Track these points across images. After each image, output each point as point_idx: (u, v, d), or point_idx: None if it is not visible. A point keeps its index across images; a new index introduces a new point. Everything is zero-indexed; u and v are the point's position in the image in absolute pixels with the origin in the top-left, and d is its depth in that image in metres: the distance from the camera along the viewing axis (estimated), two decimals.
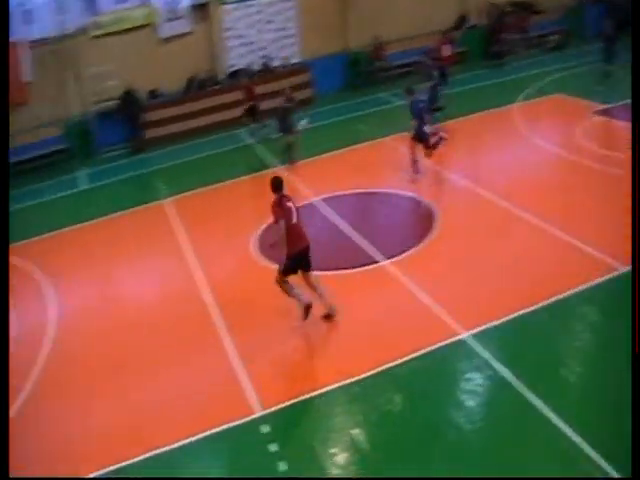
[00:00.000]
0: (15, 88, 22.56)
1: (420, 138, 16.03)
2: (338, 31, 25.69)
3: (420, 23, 26.18)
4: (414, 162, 16.21)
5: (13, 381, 9.61)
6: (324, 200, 15.62)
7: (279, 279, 10.73)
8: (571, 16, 28.79)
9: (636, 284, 7.55)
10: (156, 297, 12.90)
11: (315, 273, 11.02)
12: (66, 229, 16.82)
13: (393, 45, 25.79)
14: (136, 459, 8.66)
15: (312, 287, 10.91)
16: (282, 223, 10.47)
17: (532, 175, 15.87)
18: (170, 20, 23.81)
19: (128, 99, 22.29)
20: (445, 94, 19.47)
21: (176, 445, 8.77)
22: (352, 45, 25.75)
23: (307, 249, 10.73)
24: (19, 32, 22.75)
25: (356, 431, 8.60)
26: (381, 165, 17.86)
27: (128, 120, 22.34)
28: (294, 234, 10.56)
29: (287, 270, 10.66)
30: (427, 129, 16.12)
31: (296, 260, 10.63)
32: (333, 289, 11.47)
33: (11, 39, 22.60)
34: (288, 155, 18.46)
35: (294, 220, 10.56)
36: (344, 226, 14.25)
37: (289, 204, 10.57)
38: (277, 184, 10.73)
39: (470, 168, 17.00)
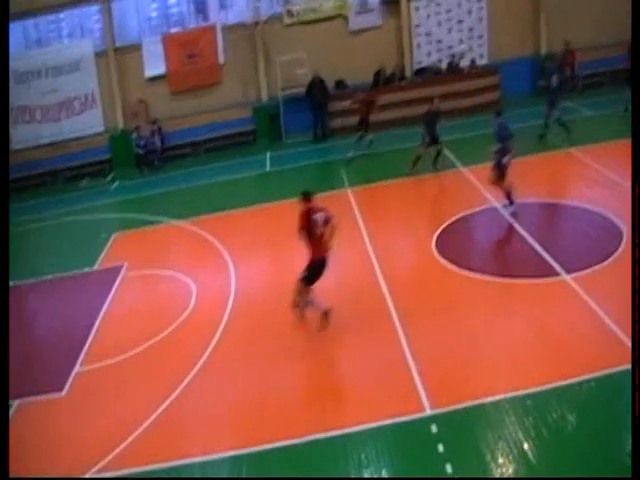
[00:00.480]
0: (209, 69, 23.75)
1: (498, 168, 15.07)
2: (529, 33, 25.03)
3: (618, 30, 24.94)
4: (507, 194, 15.08)
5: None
6: (506, 206, 15.23)
7: (301, 288, 11.10)
8: None
9: None
10: (334, 283, 13.11)
11: (489, 279, 10.85)
12: (247, 208, 17.50)
13: (586, 52, 24.70)
14: (308, 437, 8.90)
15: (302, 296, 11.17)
16: (304, 233, 10.91)
17: None
18: (360, 13, 24.11)
19: (316, 87, 22.74)
20: None
21: (346, 431, 8.89)
22: (543, 49, 24.98)
23: (325, 259, 11.05)
24: (215, 16, 23.85)
25: (526, 445, 8.37)
26: (565, 176, 17.34)
27: (314, 108, 22.80)
28: (317, 244, 10.96)
29: (312, 278, 11.00)
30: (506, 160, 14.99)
31: (319, 268, 10.98)
32: (510, 297, 11.21)
33: (207, 23, 23.81)
34: (437, 162, 18.31)
35: (317, 231, 10.87)
36: (524, 234, 13.87)
37: (316, 216, 10.88)
38: (306, 196, 11.10)
39: None
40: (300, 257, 11.18)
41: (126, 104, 23.97)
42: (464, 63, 24.06)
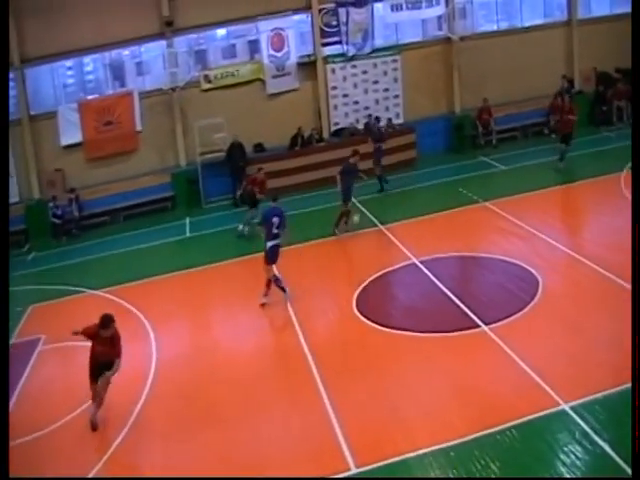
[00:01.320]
0: (126, 136, 23.76)
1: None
2: (443, 93, 26.07)
3: (524, 86, 26.24)
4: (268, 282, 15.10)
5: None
6: (424, 262, 15.65)
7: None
8: None
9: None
10: (255, 349, 13.13)
11: (410, 335, 11.03)
12: (167, 275, 17.42)
13: (498, 109, 25.89)
14: None
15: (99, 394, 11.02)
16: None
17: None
18: (277, 76, 24.64)
19: (235, 151, 22.98)
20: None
21: None
22: (457, 107, 25.99)
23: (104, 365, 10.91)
24: (132, 82, 23.99)
25: None
26: (482, 229, 17.87)
27: (234, 172, 22.99)
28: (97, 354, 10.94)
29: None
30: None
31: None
32: (431, 352, 11.47)
33: (124, 89, 23.95)
34: (340, 221, 18.44)
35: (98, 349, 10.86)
36: (444, 289, 14.22)
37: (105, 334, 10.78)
38: (105, 322, 10.80)
39: (575, 236, 16.87)
40: (221, 323, 11.16)
41: (42, 173, 23.67)
42: (382, 123, 24.76)
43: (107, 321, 10.75)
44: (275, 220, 14.47)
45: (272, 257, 14.68)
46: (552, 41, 27.41)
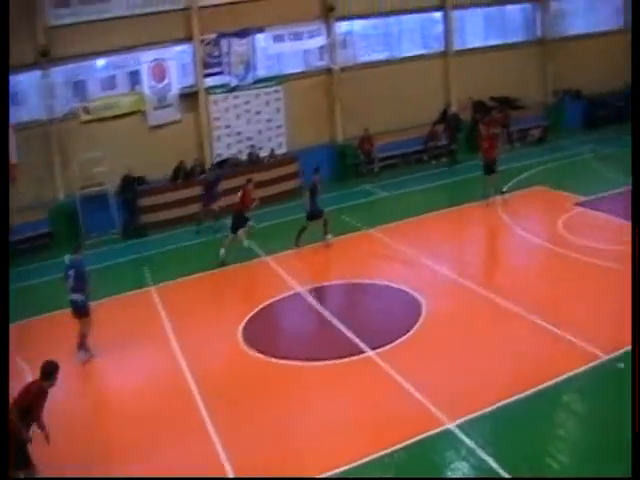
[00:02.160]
0: None
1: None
2: (326, 122, 26.63)
3: (405, 115, 27.20)
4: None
5: None
6: (309, 291, 15.95)
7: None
8: (551, 112, 30.20)
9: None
10: (139, 388, 12.96)
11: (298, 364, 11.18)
12: (47, 314, 16.93)
13: (380, 137, 26.71)
14: None
15: None
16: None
17: (515, 266, 16.41)
18: (159, 108, 24.50)
19: (127, 184, 22.71)
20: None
21: None
22: (339, 136, 26.61)
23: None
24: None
25: None
26: (366, 256, 18.30)
27: (125, 205, 22.68)
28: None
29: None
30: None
31: None
32: (319, 380, 11.73)
33: None
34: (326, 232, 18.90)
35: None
36: (329, 317, 14.50)
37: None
38: (48, 371, 9.64)
39: (454, 258, 17.49)
40: (107, 362, 10.90)
41: None
42: (264, 153, 25.04)
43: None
44: (70, 273, 13.69)
45: (75, 311, 14.04)
46: (430, 71, 28.59)
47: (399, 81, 27.37)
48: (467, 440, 9.94)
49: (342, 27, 26.81)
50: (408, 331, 13.43)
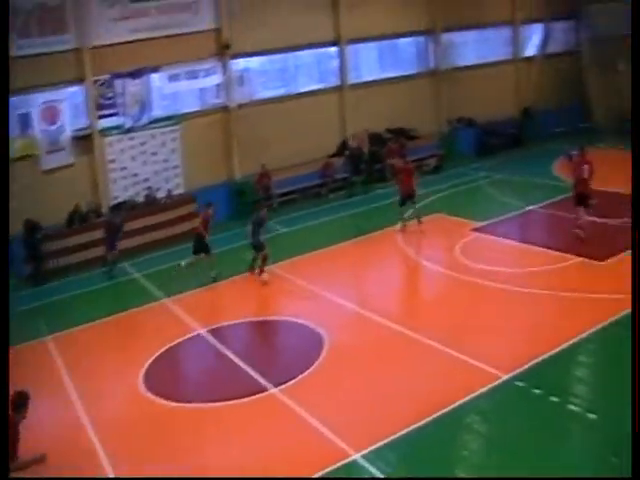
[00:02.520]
0: None
1: None
2: (223, 160, 26.63)
3: (303, 150, 27.52)
4: None
5: None
6: (211, 331, 15.82)
7: None
8: (445, 141, 31.15)
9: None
10: (37, 440, 12.53)
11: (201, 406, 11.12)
12: None
13: (278, 172, 26.85)
14: None
15: None
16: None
17: (415, 294, 16.76)
18: (51, 152, 23.97)
19: (28, 229, 22.06)
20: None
21: None
22: (237, 174, 26.65)
23: None
24: None
25: None
26: (267, 293, 18.29)
27: (27, 251, 21.99)
28: None
29: None
30: None
31: None
32: (221, 421, 11.68)
33: None
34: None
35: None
36: (232, 356, 14.41)
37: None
38: (19, 402, 9.36)
39: (356, 290, 17.73)
40: None
41: None
42: (161, 194, 24.80)
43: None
44: None
45: None
46: (327, 105, 29.10)
47: (296, 116, 27.75)
48: (373, 469, 10.09)
49: (238, 64, 26.96)
50: (311, 365, 13.50)
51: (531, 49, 36.42)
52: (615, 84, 33.72)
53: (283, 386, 12.81)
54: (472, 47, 34.22)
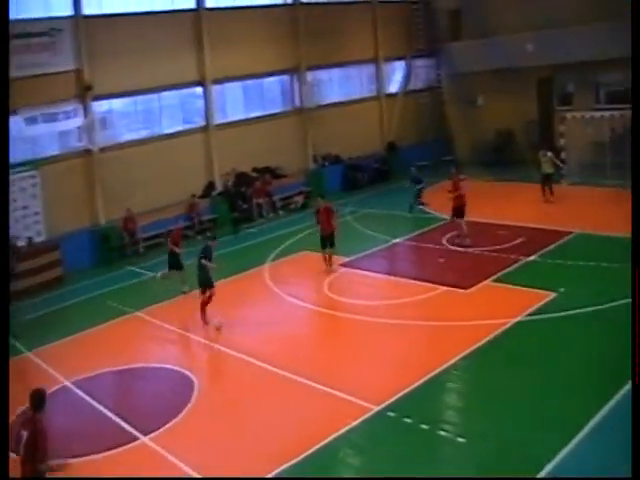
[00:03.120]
0: None
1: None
2: (86, 205, 26.00)
3: (170, 192, 27.36)
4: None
5: None
6: (75, 383, 15.31)
7: None
8: (312, 178, 31.75)
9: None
10: None
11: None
12: None
13: (144, 216, 26.59)
14: None
15: None
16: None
17: (286, 333, 16.91)
18: None
19: None
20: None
21: None
22: (102, 219, 26.10)
23: None
24: None
25: None
26: (136, 340, 17.99)
27: None
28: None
29: None
30: None
31: None
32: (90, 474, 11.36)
33: None
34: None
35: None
36: (99, 407, 14.01)
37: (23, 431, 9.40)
38: (40, 400, 9.66)
39: (227, 333, 17.63)
40: None
41: None
42: (21, 243, 23.99)
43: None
44: None
45: None
46: (193, 146, 29.12)
47: (162, 158, 27.60)
48: None
49: (101, 106, 26.57)
50: (181, 411, 13.35)
51: (394, 86, 37.80)
52: (474, 117, 35.46)
53: (152, 434, 12.58)
54: (337, 85, 35.19)
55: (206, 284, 18.01)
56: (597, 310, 15.95)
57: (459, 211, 22.12)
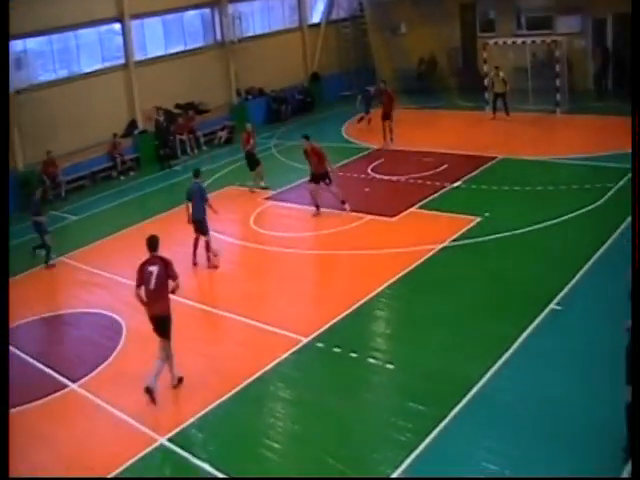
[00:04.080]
0: None
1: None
2: None
3: (91, 133, 26.59)
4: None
5: None
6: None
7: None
8: (236, 112, 31.21)
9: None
10: None
11: None
12: None
13: (66, 159, 25.78)
14: None
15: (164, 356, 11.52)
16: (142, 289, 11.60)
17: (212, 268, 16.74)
18: None
19: None
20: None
21: None
22: (20, 164, 25.18)
23: (156, 318, 11.57)
24: None
25: None
26: (61, 286, 17.67)
27: None
28: (148, 299, 11.61)
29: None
30: None
31: (152, 324, 11.63)
32: (27, 425, 11.33)
33: None
34: None
35: (151, 286, 11.45)
36: (24, 356, 13.68)
37: (151, 268, 11.48)
38: (151, 243, 11.74)
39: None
40: None
41: None
42: None
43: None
44: None
45: None
46: (113, 85, 28.13)
47: (81, 98, 26.62)
48: (180, 451, 10.12)
49: (15, 45, 25.15)
50: (110, 355, 13.21)
51: (316, 16, 37.20)
52: (397, 46, 35.17)
53: (82, 380, 12.43)
54: (259, 16, 34.42)
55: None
56: (521, 233, 16.20)
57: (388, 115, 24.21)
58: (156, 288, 11.48)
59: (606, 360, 10.46)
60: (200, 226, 16.83)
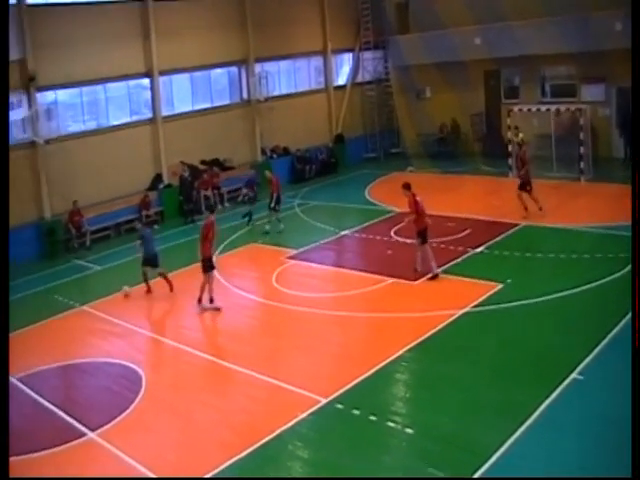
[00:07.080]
0: None
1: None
2: (31, 200, 25.36)
3: (117, 185, 27.12)
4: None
5: None
6: (20, 379, 15.01)
7: None
8: (261, 170, 31.60)
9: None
10: None
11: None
12: None
13: (91, 209, 26.29)
14: None
15: None
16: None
17: (233, 325, 16.94)
18: None
19: None
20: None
21: None
22: (47, 213, 25.63)
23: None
24: None
25: None
26: (82, 334, 17.71)
27: None
28: None
29: None
30: None
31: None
32: (44, 472, 11.35)
33: None
34: None
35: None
36: (45, 403, 13.83)
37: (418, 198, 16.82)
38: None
39: (174, 326, 17.64)
40: None
41: None
42: None
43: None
44: None
45: None
46: (140, 139, 28.78)
47: (108, 151, 27.26)
48: None
49: (46, 97, 25.94)
50: (129, 405, 13.27)
51: (342, 78, 37.95)
52: (422, 110, 35.78)
53: (101, 430, 12.47)
54: (285, 77, 35.14)
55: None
56: (543, 301, 16.25)
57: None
58: None
59: (627, 432, 10.46)
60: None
